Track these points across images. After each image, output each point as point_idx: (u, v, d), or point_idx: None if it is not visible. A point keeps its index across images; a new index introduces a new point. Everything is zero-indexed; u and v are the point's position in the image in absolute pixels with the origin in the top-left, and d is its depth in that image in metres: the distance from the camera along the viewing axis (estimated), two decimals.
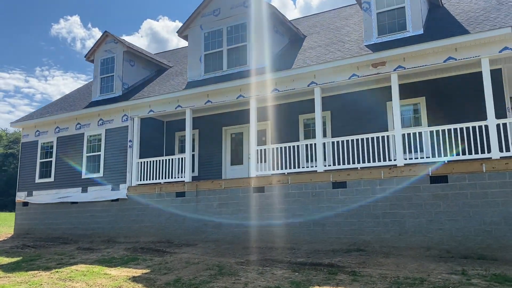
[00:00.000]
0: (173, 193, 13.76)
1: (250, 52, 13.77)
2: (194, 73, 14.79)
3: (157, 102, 14.60)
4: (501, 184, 9.37)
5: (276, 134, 14.48)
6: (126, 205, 14.63)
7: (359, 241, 10.66)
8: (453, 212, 9.73)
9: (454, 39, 10.06)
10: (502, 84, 11.31)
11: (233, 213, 12.54)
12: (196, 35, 14.95)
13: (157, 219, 13.87)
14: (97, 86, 17.12)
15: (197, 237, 12.99)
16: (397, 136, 10.70)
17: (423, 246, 9.92)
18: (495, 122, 9.74)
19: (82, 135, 16.42)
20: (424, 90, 12.26)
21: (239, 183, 12.66)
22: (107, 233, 14.81)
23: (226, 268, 9.09)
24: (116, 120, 15.61)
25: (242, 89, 13.09)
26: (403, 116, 12.49)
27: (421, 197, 10.12)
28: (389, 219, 10.40)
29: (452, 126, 10.19)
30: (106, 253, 12.10)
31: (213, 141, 15.73)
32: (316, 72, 11.89)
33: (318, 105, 11.93)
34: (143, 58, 17.50)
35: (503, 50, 9.82)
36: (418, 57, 10.67)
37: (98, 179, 15.56)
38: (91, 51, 17.36)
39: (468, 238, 9.51)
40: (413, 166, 10.38)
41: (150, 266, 9.78)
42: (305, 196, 11.57)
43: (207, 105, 13.74)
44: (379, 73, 11.14)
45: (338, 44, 13.05)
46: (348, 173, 11.12)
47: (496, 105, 11.06)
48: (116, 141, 15.45)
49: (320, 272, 8.37)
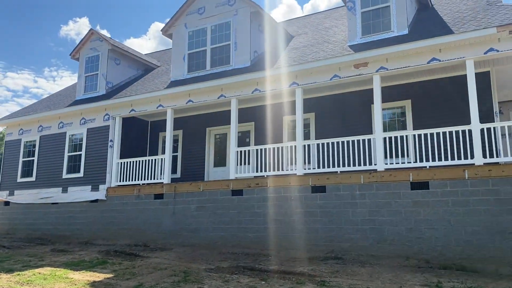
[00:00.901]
0: (152, 195, 13.37)
1: (233, 51, 13.39)
2: (178, 72, 14.43)
3: (138, 102, 14.25)
4: (484, 192, 8.90)
5: (260, 136, 14.07)
6: (105, 206, 14.25)
7: (337, 248, 10.21)
8: (433, 221, 9.27)
9: (437, 39, 9.63)
10: (490, 87, 10.85)
11: (211, 216, 12.13)
12: (180, 34, 14.59)
13: (135, 221, 13.48)
14: (82, 84, 16.79)
15: (173, 241, 12.59)
16: (377, 140, 10.26)
17: (401, 256, 9.46)
18: (479, 127, 9.29)
19: (64, 134, 16.09)
20: (410, 93, 11.83)
21: (217, 186, 12.25)
22: (85, 234, 14.43)
23: (192, 275, 8.67)
24: (98, 119, 15.27)
25: (223, 88, 12.71)
26: (388, 120, 12.07)
27: (401, 204, 9.67)
28: (367, 226, 9.95)
29: (434, 130, 9.75)
30: (78, 255, 11.72)
31: (197, 142, 15.35)
32: (298, 72, 11.49)
33: (299, 107, 11.52)
34: (129, 57, 17.16)
35: (488, 51, 9.38)
36: (401, 58, 10.24)
37: (78, 180, 15.21)
38: (76, 48, 17.05)
39: (448, 248, 9.05)
40: (394, 172, 9.94)
41: (116, 271, 9.38)
42: (283, 200, 11.15)
43: (188, 104, 13.36)
44: (361, 74, 10.72)
45: (323, 45, 12.65)
46: (327, 177, 10.69)
47: (484, 109, 10.65)
48: (98, 141, 15.10)
49: (288, 282, 7.93)
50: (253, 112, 14.34)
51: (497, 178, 8.84)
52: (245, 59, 13.16)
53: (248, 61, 13.10)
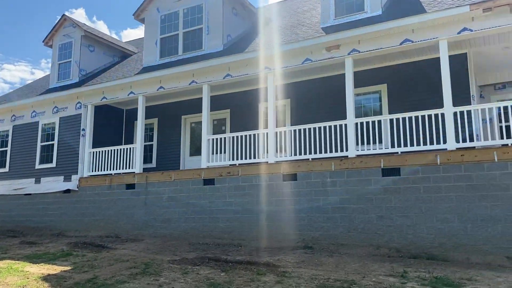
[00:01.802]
0: (123, 185, 12.99)
1: (205, 35, 12.92)
2: (150, 58, 13.97)
3: (110, 89, 13.78)
4: (456, 178, 8.55)
5: (236, 123, 13.65)
6: (77, 197, 13.87)
7: (308, 237, 9.88)
8: (404, 208, 8.93)
9: (409, 19, 9.20)
10: (468, 69, 10.45)
11: (182, 207, 11.76)
12: (152, 18, 14.09)
13: (107, 212, 13.12)
14: (55, 72, 16.30)
15: (145, 231, 12.24)
16: (349, 126, 9.88)
17: (372, 244, 9.14)
18: (452, 110, 8.91)
19: (37, 123, 15.64)
20: (386, 77, 11.41)
21: (189, 175, 11.88)
22: (58, 226, 14.06)
23: (152, 267, 8.34)
24: (70, 107, 14.81)
25: (194, 74, 12.26)
26: (365, 105, 11.67)
27: (372, 191, 9.32)
28: (338, 214, 9.61)
29: (406, 114, 9.37)
30: (45, 248, 11.37)
31: (173, 130, 14.92)
32: (269, 56, 11.04)
33: (271, 92, 11.10)
34: (104, 43, 16.65)
35: (462, 31, 8.97)
36: (373, 39, 9.81)
37: (51, 170, 14.80)
38: (49, 35, 16.51)
39: (420, 236, 8.72)
40: (365, 158, 9.57)
41: (76, 263, 9.04)
42: (254, 188, 10.79)
43: (159, 91, 12.92)
44: (333, 57, 10.30)
45: (298, 28, 12.19)
46: (299, 164, 10.32)
47: (460, 93, 10.27)
48: (70, 130, 14.67)
49: (249, 273, 7.61)
50: (229, 99, 13.90)
51: (470, 163, 8.48)
52: (217, 43, 12.69)
53: (221, 45, 12.64)
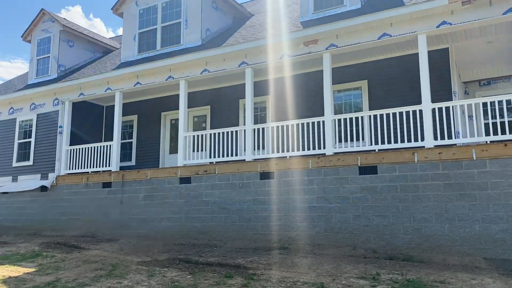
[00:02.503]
0: (100, 184, 12.66)
1: (184, 30, 12.59)
2: (128, 53, 13.62)
3: (87, 85, 13.43)
4: (434, 176, 8.30)
5: (216, 120, 13.34)
6: (54, 196, 13.53)
7: (285, 238, 9.61)
8: (381, 207, 8.67)
9: (387, 13, 8.91)
10: (449, 65, 10.18)
11: (158, 206, 11.46)
12: (131, 12, 13.73)
13: (84, 211, 12.79)
14: (34, 68, 15.92)
15: (122, 231, 11.92)
16: (326, 122, 9.60)
17: (349, 245, 8.88)
18: (430, 107, 8.64)
19: (15, 120, 15.26)
20: (367, 73, 11.13)
21: (165, 173, 11.56)
22: (35, 225, 13.70)
23: (119, 269, 8.04)
24: (47, 104, 14.45)
25: (171, 69, 11.93)
26: (345, 101, 11.39)
27: (349, 190, 9.05)
28: (315, 213, 9.34)
29: (384, 111, 9.09)
30: (16, 248, 11.03)
31: (152, 127, 14.59)
32: (247, 51, 10.73)
33: (249, 88, 10.80)
34: (84, 38, 16.27)
35: (441, 24, 8.69)
36: (351, 34, 9.52)
37: (28, 168, 14.45)
38: (28, 30, 16.12)
39: (397, 237, 8.47)
40: (342, 156, 9.29)
41: (43, 265, 8.73)
42: (231, 187, 10.49)
43: (136, 87, 12.58)
44: (310, 52, 10.00)
45: (278, 22, 11.88)
46: (276, 162, 10.03)
47: (441, 89, 10.04)
48: (47, 127, 14.30)
49: (217, 275, 7.32)
50: (209, 95, 13.59)
51: (448, 161, 8.23)
52: (195, 38, 12.37)
53: (199, 40, 12.31)
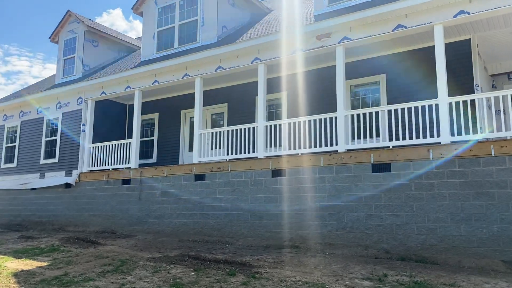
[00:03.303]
0: (120, 180, 12.88)
1: (200, 27, 12.59)
2: (147, 52, 13.78)
3: (108, 83, 13.69)
4: (450, 174, 7.87)
5: (234, 117, 13.28)
6: (77, 192, 13.89)
7: (296, 236, 9.41)
8: (394, 206, 8.32)
9: (401, 3, 8.53)
10: (471, 56, 9.65)
11: (174, 203, 11.52)
12: (150, 11, 13.88)
13: (104, 207, 13.06)
14: (60, 68, 16.42)
15: (139, 227, 12.09)
16: (339, 118, 9.32)
17: (361, 244, 8.58)
18: (446, 101, 8.21)
19: (42, 119, 15.80)
20: (385, 66, 10.73)
21: (181, 170, 11.61)
22: (60, 220, 14.15)
23: (127, 265, 8.12)
24: (72, 103, 14.85)
25: (187, 67, 11.96)
26: (364, 96, 11.04)
27: (361, 188, 8.74)
28: (327, 212, 9.09)
29: (399, 106, 8.71)
30: (38, 242, 11.40)
31: (172, 125, 14.71)
32: (259, 46, 10.59)
33: (262, 84, 10.66)
34: (108, 38, 16.61)
35: (458, 14, 8.22)
36: (364, 26, 9.18)
37: (54, 165, 14.91)
38: (55, 32, 16.63)
39: (410, 237, 8.10)
40: (355, 153, 8.99)
41: (56, 259, 8.95)
42: (244, 185, 10.40)
43: (154, 85, 12.70)
44: (323, 46, 9.73)
45: (293, 17, 11.66)
46: (287, 159, 9.84)
47: (463, 82, 9.53)
48: (72, 125, 14.71)
49: (220, 273, 7.25)
50: (227, 92, 13.56)
51: (464, 158, 7.78)
52: (211, 35, 12.34)
53: (215, 37, 12.27)
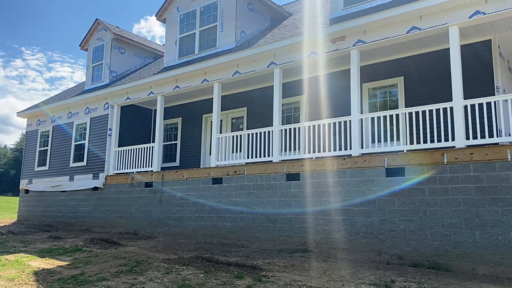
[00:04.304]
0: (143, 183, 13.25)
1: (219, 33, 12.79)
2: (170, 58, 14.12)
3: (132, 89, 14.13)
4: (464, 179, 7.67)
5: (253, 121, 13.39)
6: (104, 194, 14.39)
7: (309, 240, 9.40)
8: (408, 211, 8.18)
9: (414, 5, 8.39)
10: (491, 57, 9.36)
11: (193, 205, 11.74)
12: (173, 18, 14.23)
13: (128, 209, 13.46)
14: (89, 75, 17.06)
15: (160, 229, 12.39)
16: (353, 122, 9.24)
17: (374, 250, 8.48)
18: (461, 104, 8.00)
19: (72, 124, 16.45)
20: (403, 69, 10.56)
21: (199, 174, 11.83)
22: (87, 222, 14.69)
23: (141, 266, 8.37)
24: (99, 108, 15.41)
25: (206, 72, 12.19)
26: (379, 100, 10.91)
27: (375, 192, 8.63)
28: (340, 217, 9.03)
29: (413, 109, 8.55)
30: (63, 242, 11.88)
31: (195, 129, 14.99)
32: (275, 51, 10.67)
33: (277, 88, 10.73)
34: (135, 45, 17.13)
35: (474, 14, 8.01)
36: (378, 28, 9.09)
37: (82, 168, 15.50)
38: (85, 39, 17.31)
39: (424, 243, 7.93)
40: (369, 157, 8.90)
41: (77, 259, 9.31)
42: (259, 188, 10.48)
43: (175, 91, 13.01)
44: (338, 49, 9.69)
45: (310, 20, 11.67)
46: (302, 163, 9.85)
47: (483, 84, 9.27)
48: (99, 130, 15.25)
49: (228, 275, 7.35)
50: (246, 97, 13.71)
51: (479, 162, 7.56)
52: (230, 40, 12.52)
53: (233, 42, 12.44)
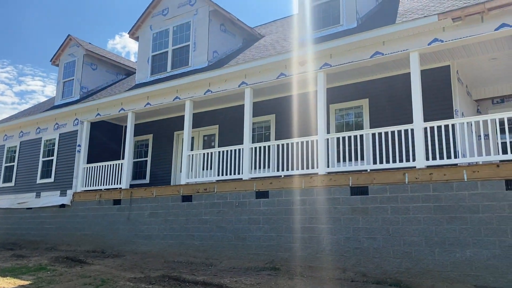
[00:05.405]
0: (111, 201, 13.10)
1: (192, 52, 12.98)
2: (142, 75, 14.17)
3: (103, 105, 14.07)
4: (424, 198, 7.98)
5: (224, 139, 13.53)
6: (71, 212, 14.12)
7: (277, 258, 9.50)
8: (372, 229, 8.42)
9: (378, 31, 8.81)
10: (450, 82, 9.86)
11: (162, 223, 11.69)
12: (146, 36, 14.34)
13: (96, 227, 13.25)
14: (60, 90, 16.88)
15: (128, 247, 12.24)
16: (320, 142, 9.50)
17: (339, 267, 8.65)
18: (421, 126, 8.38)
19: (40, 139, 16.17)
20: (368, 91, 10.97)
21: (169, 191, 11.81)
22: (53, 240, 14.34)
23: (107, 284, 8.26)
24: (69, 124, 15.24)
25: (178, 90, 12.30)
26: (347, 120, 11.26)
27: (340, 211, 8.86)
28: (307, 234, 9.19)
29: (376, 130, 8.89)
30: (27, 261, 11.57)
31: (166, 146, 15.00)
32: (246, 71, 10.91)
33: (248, 107, 10.94)
34: (107, 62, 17.11)
35: (432, 42, 8.47)
36: (344, 53, 9.47)
37: (49, 185, 15.20)
38: (56, 55, 17.16)
39: (386, 260, 8.16)
40: (334, 176, 9.15)
41: (40, 278, 9.10)
42: (229, 206, 10.55)
43: (146, 107, 13.05)
44: (305, 72, 10.02)
45: (280, 43, 12.01)
46: (271, 181, 10.01)
47: (443, 107, 9.73)
48: (68, 146, 15.05)
49: None
50: (218, 114, 13.86)
51: (438, 182, 7.90)
52: (202, 59, 12.70)
53: (206, 61, 12.64)
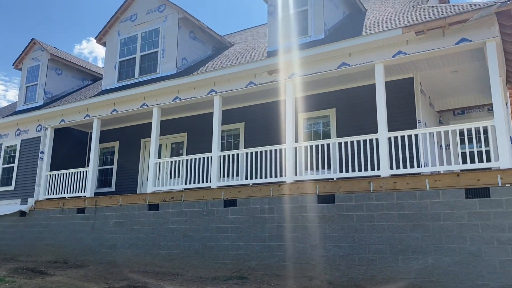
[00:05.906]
0: (75, 209, 12.73)
1: (160, 59, 12.86)
2: (108, 81, 13.92)
3: (68, 111, 13.71)
4: (388, 206, 8.17)
5: (193, 147, 13.42)
6: (32, 220, 13.62)
7: (245, 267, 9.47)
8: (338, 237, 8.53)
9: (344, 43, 9.01)
10: (413, 94, 10.17)
11: (127, 232, 11.44)
12: (113, 42, 14.12)
13: (58, 236, 12.82)
14: (23, 95, 16.33)
15: (92, 257, 11.90)
16: (288, 150, 9.59)
17: (306, 275, 8.70)
18: (386, 136, 8.60)
19: (0, 145, 15.57)
20: (335, 101, 11.17)
21: (135, 200, 11.60)
22: (12, 250, 13.77)
23: None
24: (31, 130, 14.75)
25: (146, 97, 12.15)
26: (315, 129, 11.41)
27: (307, 219, 8.94)
28: (275, 243, 9.22)
29: (342, 139, 9.07)
30: None
31: (132, 153, 14.74)
32: (215, 79, 10.90)
33: (217, 115, 10.91)
34: (73, 67, 16.70)
35: (396, 54, 8.74)
36: (311, 63, 9.62)
37: (9, 193, 14.63)
38: (19, 59, 16.62)
39: (352, 268, 8.28)
40: (301, 184, 9.24)
41: None
42: (196, 215, 10.46)
43: (113, 114, 12.81)
44: (274, 81, 10.11)
45: (250, 51, 12.08)
46: (239, 190, 10.00)
47: (407, 118, 10.02)
48: (30, 153, 14.54)
49: None
50: (186, 122, 13.76)
51: (402, 191, 8.11)
52: (171, 66, 12.61)
53: (174, 68, 12.55)
